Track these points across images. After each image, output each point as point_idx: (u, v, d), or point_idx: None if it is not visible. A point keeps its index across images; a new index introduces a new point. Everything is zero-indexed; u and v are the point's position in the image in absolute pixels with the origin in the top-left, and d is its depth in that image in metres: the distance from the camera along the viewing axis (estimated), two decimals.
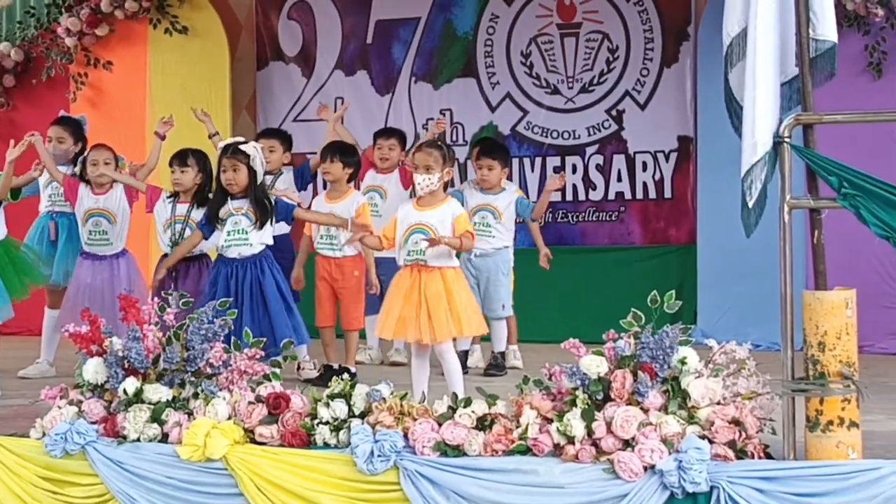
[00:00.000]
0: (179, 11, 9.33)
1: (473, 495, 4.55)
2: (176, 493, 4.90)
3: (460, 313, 5.63)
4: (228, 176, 6.30)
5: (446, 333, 5.63)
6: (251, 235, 6.30)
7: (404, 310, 5.63)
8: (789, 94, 4.76)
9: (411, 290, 5.64)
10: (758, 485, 4.34)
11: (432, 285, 5.62)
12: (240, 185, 6.31)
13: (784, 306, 4.52)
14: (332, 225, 6.73)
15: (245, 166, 6.30)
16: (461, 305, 5.64)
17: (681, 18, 8.73)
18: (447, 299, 5.61)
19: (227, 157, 6.31)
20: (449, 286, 5.64)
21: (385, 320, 5.75)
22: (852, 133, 6.53)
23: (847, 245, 6.56)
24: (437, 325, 5.58)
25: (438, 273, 5.64)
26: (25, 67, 9.59)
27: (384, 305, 5.82)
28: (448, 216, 5.69)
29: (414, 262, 5.66)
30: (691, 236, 8.63)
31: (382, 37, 9.34)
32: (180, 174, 6.82)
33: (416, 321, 5.60)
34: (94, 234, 7.07)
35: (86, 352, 5.19)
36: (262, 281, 6.27)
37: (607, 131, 8.89)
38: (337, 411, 4.82)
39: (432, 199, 5.75)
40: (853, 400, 4.44)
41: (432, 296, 5.60)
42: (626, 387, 4.54)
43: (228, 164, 6.31)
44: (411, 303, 5.62)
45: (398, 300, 5.68)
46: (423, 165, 5.71)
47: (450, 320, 5.61)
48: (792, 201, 4.54)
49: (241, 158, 6.30)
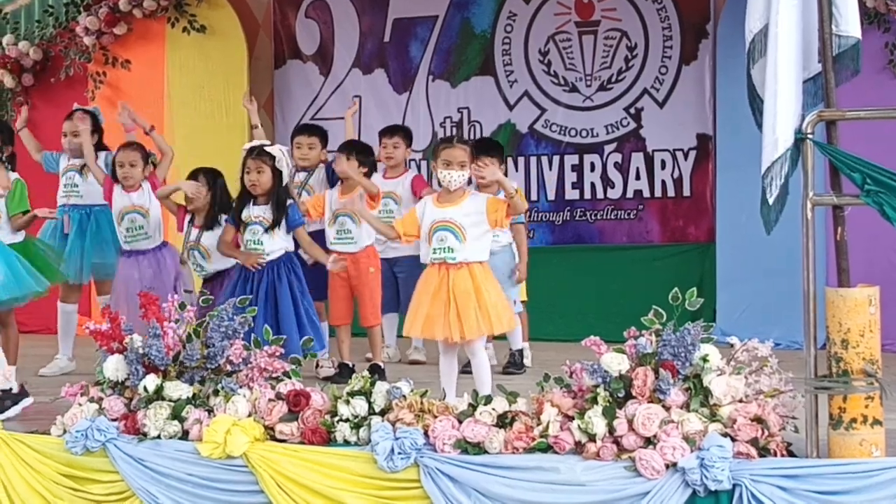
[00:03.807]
0: (197, 10, 9.35)
1: (494, 493, 4.54)
2: (196, 490, 4.90)
3: (490, 310, 5.56)
4: (252, 178, 6.28)
5: (475, 331, 5.57)
6: (266, 243, 6.29)
7: (432, 308, 5.57)
8: (813, 90, 4.74)
9: (439, 287, 5.58)
10: (781, 483, 4.32)
11: (461, 282, 5.55)
12: (263, 187, 6.29)
13: (807, 303, 4.49)
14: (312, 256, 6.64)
15: (269, 168, 6.28)
16: (490, 302, 5.57)
17: (700, 16, 8.70)
18: (476, 296, 5.55)
19: (253, 158, 6.29)
20: (478, 283, 5.57)
21: (413, 319, 5.69)
22: (874, 130, 6.50)
23: (868, 242, 6.53)
24: (466, 322, 5.52)
25: (466, 269, 5.57)
26: (44, 66, 9.64)
27: (412, 304, 5.75)
28: (473, 209, 5.62)
29: (441, 259, 5.61)
30: (710, 234, 8.60)
31: (400, 35, 9.34)
32: (195, 193, 6.69)
33: (445, 319, 5.53)
34: (131, 230, 7.03)
35: (106, 349, 5.21)
36: (277, 287, 6.25)
37: (626, 129, 8.87)
38: (357, 409, 4.82)
39: (451, 195, 5.70)
40: (877, 397, 4.42)
41: (461, 293, 5.54)
42: (647, 384, 4.52)
43: (253, 165, 6.29)
44: (439, 301, 5.56)
45: (426, 298, 5.61)
46: (459, 162, 5.64)
47: (479, 317, 5.54)
48: (815, 198, 4.52)
49: (265, 160, 6.28)
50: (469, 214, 5.61)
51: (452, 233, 5.59)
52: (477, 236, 5.62)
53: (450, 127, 9.20)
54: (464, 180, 5.67)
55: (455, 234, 5.59)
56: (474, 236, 5.61)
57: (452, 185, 5.65)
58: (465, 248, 5.57)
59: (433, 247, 5.61)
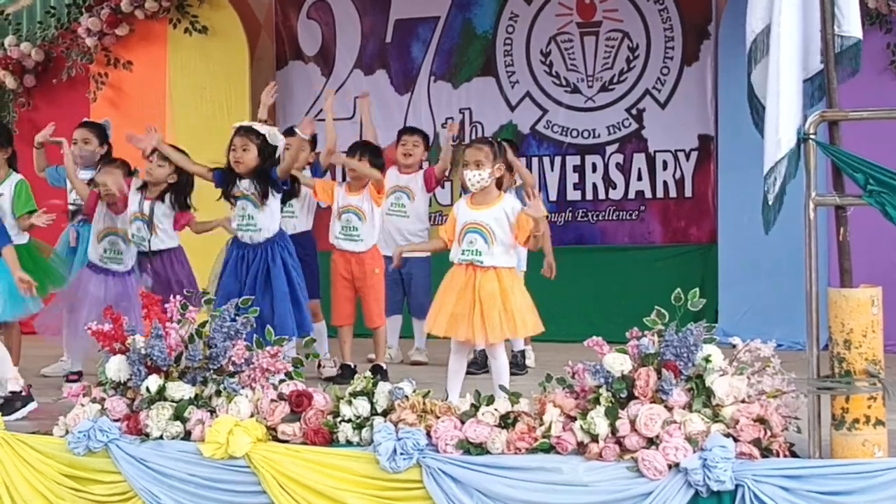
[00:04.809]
0: (199, 11, 9.35)
1: (497, 493, 4.54)
2: (198, 491, 4.90)
3: (514, 313, 5.52)
4: (237, 154, 6.18)
5: (499, 335, 5.53)
6: (257, 218, 6.22)
7: (457, 307, 5.53)
8: (811, 90, 4.74)
9: (465, 288, 5.54)
10: (783, 483, 4.31)
11: (487, 285, 5.52)
12: (247, 165, 6.18)
13: (809, 304, 4.49)
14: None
15: (255, 147, 6.18)
16: (516, 305, 5.53)
17: (701, 16, 8.70)
18: (502, 299, 5.51)
19: (240, 136, 6.21)
20: (504, 286, 5.52)
21: (437, 316, 5.62)
22: (876, 130, 6.50)
23: (870, 243, 6.52)
24: (490, 325, 5.49)
25: (494, 273, 5.53)
26: (46, 67, 9.64)
27: (435, 302, 5.69)
28: (503, 214, 5.57)
29: (469, 261, 5.57)
30: (712, 235, 8.60)
31: (402, 36, 9.35)
32: (157, 167, 6.56)
33: (469, 320, 5.50)
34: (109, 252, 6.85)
35: (108, 350, 5.21)
36: (270, 268, 6.20)
37: (627, 130, 8.87)
38: (359, 409, 4.82)
39: (486, 197, 5.62)
40: (879, 398, 4.42)
41: (487, 296, 5.50)
42: (650, 385, 4.52)
43: (239, 142, 6.20)
44: (465, 301, 5.52)
45: (451, 297, 5.57)
46: (474, 161, 5.57)
47: (503, 321, 5.50)
48: (817, 198, 4.52)
49: (252, 138, 6.18)
50: (499, 219, 5.55)
51: (482, 236, 5.55)
52: (506, 241, 5.57)
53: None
54: (482, 179, 5.57)
55: (484, 238, 5.55)
56: (504, 241, 5.56)
57: (472, 185, 5.60)
58: (493, 253, 5.54)
59: (462, 248, 5.58)
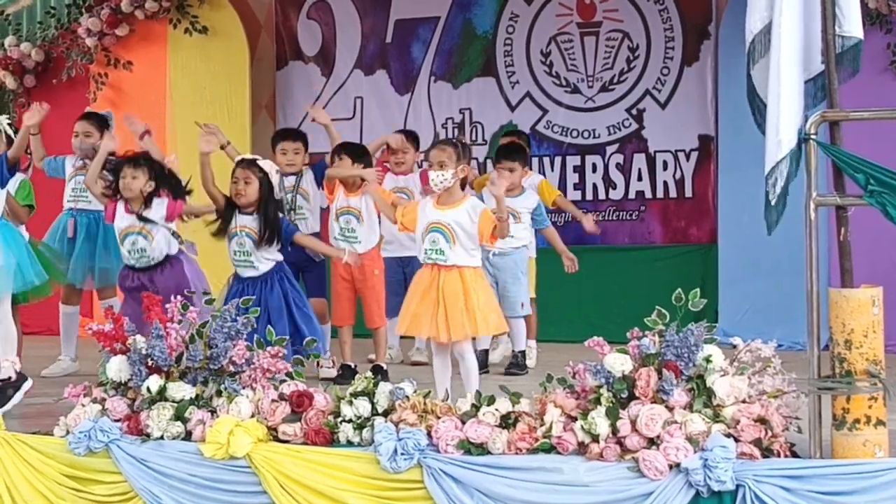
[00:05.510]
0: (199, 11, 9.36)
1: (497, 493, 4.54)
2: (199, 491, 4.90)
3: (476, 312, 5.63)
4: (239, 187, 6.16)
5: (461, 332, 5.63)
6: (254, 258, 6.21)
7: (420, 306, 5.67)
8: (814, 91, 4.73)
9: (429, 287, 5.66)
10: (784, 483, 4.31)
11: (450, 284, 5.63)
12: (249, 198, 6.18)
13: (810, 304, 4.49)
14: (328, 255, 6.71)
15: (258, 181, 6.17)
16: (478, 304, 5.64)
17: (702, 16, 8.70)
18: (464, 298, 5.62)
19: (242, 168, 6.20)
20: (467, 285, 5.64)
21: (403, 316, 5.80)
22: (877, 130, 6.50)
23: (871, 243, 6.51)
24: (452, 322, 5.59)
25: (457, 272, 5.65)
26: (46, 67, 9.65)
27: (404, 303, 5.85)
28: (466, 215, 5.67)
29: (433, 261, 5.68)
30: (712, 235, 8.60)
31: (402, 36, 9.35)
32: (131, 179, 6.32)
33: (433, 318, 5.61)
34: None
35: (109, 350, 5.21)
36: (268, 298, 6.17)
37: (627, 130, 8.87)
38: (360, 409, 4.82)
39: (450, 198, 5.74)
40: (880, 398, 4.41)
41: (449, 294, 5.61)
42: (650, 385, 4.51)
43: (241, 175, 6.17)
44: (428, 300, 5.64)
45: (416, 297, 5.71)
46: (437, 162, 5.71)
47: (465, 319, 5.61)
48: (818, 198, 4.52)
49: (255, 171, 6.18)
50: (461, 221, 5.65)
51: (443, 235, 5.65)
52: (467, 242, 5.66)
53: (451, 128, 9.21)
54: (445, 180, 5.68)
55: (446, 237, 5.64)
56: (465, 242, 5.66)
57: (435, 186, 5.71)
58: (455, 253, 5.63)
59: (426, 247, 5.69)
